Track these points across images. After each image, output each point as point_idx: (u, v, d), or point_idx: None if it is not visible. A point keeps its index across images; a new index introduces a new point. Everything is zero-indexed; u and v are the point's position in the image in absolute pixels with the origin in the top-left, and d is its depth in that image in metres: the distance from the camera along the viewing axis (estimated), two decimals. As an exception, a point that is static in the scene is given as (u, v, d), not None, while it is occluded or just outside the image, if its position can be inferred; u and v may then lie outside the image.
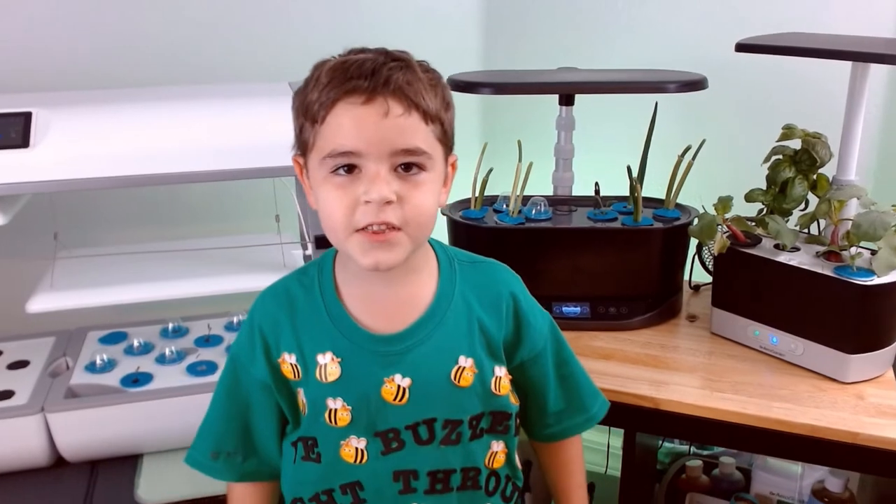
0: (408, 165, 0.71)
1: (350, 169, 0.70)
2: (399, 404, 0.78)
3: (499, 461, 0.84)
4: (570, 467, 0.94)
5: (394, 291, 0.79)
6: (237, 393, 0.82)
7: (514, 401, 0.85)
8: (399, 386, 0.77)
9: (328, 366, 0.78)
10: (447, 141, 0.75)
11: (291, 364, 0.79)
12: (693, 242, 1.25)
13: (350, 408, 0.78)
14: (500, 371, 0.82)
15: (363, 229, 0.70)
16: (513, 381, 0.85)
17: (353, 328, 0.78)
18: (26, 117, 0.97)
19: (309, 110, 0.71)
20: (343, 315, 0.79)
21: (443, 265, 0.82)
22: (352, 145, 0.69)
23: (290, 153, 0.78)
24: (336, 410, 0.77)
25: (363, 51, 0.73)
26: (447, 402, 0.79)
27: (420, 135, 0.70)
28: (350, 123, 0.69)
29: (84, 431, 1.05)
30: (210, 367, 1.13)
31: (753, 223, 1.14)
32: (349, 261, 0.77)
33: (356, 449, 0.79)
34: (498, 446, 0.84)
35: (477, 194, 1.28)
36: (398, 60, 0.71)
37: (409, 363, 0.78)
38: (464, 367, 0.79)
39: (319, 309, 0.79)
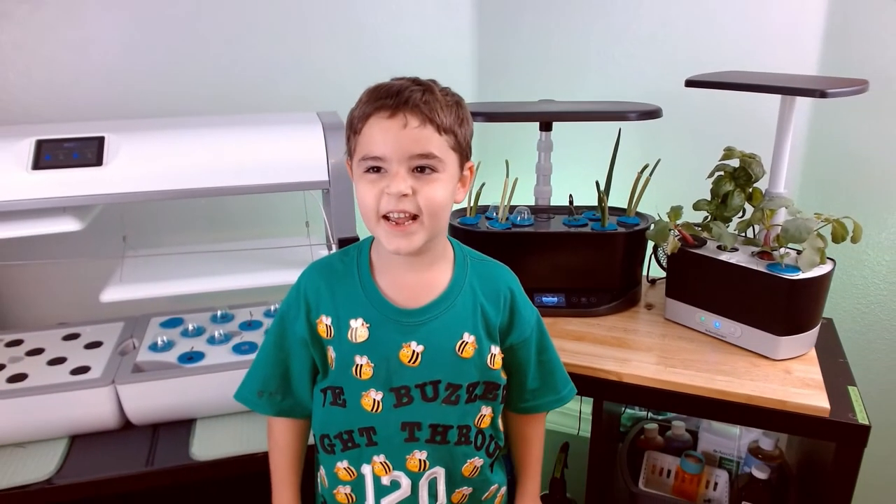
0: (422, 167, 0.73)
1: (378, 169, 0.73)
2: (412, 366, 0.79)
3: (485, 422, 0.85)
4: (532, 441, 0.95)
5: (418, 275, 0.81)
6: (282, 344, 0.84)
7: (504, 375, 0.86)
8: (414, 351, 0.79)
9: (358, 329, 0.79)
10: (462, 149, 0.77)
11: (327, 325, 0.81)
12: (650, 244, 1.25)
13: (373, 365, 0.79)
14: (495, 350, 0.83)
15: (387, 218, 0.73)
16: (503, 360, 0.85)
17: (382, 301, 0.80)
18: (100, 141, 0.98)
19: (352, 124, 0.75)
20: (374, 290, 0.80)
21: (458, 259, 0.84)
22: (379, 151, 0.72)
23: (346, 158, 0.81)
24: (361, 366, 0.79)
25: (400, 78, 0.75)
26: (451, 368, 0.80)
27: (433, 143, 0.72)
28: (377, 133, 0.72)
29: (148, 400, 1.06)
30: (252, 347, 1.13)
31: (700, 228, 1.15)
32: (381, 247, 0.79)
33: (374, 400, 0.80)
34: (487, 410, 0.85)
35: (472, 204, 1.28)
36: (420, 85, 0.74)
37: (423, 333, 0.79)
38: (467, 342, 0.81)
39: (355, 283, 0.81)
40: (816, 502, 1.04)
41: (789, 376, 1.01)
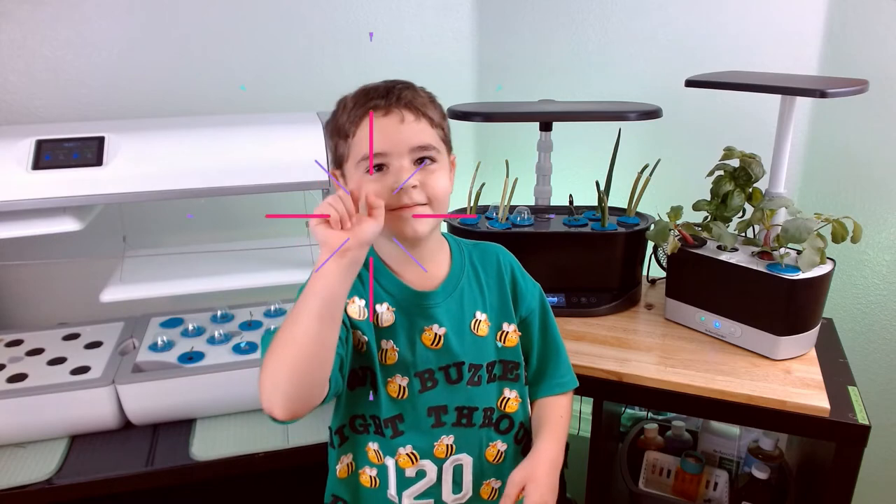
0: (422, 159, 0.75)
1: (379, 168, 0.74)
2: (435, 349, 0.81)
3: (511, 407, 0.86)
4: (547, 406, 0.90)
5: (420, 270, 0.82)
6: None
7: (521, 353, 0.88)
8: (436, 333, 0.81)
9: (384, 314, 0.80)
10: (448, 142, 0.81)
11: (359, 307, 0.81)
12: (650, 244, 1.25)
13: (398, 349, 0.80)
14: (509, 327, 0.85)
15: (398, 208, 0.74)
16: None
17: (402, 286, 0.81)
18: (100, 141, 0.97)
19: (341, 130, 0.77)
20: (392, 277, 0.82)
21: (453, 248, 0.86)
22: (381, 147, 0.73)
23: (330, 168, 0.83)
24: (387, 350, 0.80)
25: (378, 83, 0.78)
26: (471, 348, 0.82)
27: (429, 135, 0.76)
28: (375, 131, 0.73)
29: (148, 400, 1.05)
30: (252, 347, 1.13)
31: (700, 228, 1.15)
32: (384, 248, 0.81)
33: (399, 386, 0.81)
34: (511, 394, 0.86)
35: (472, 204, 1.28)
36: (403, 83, 0.77)
37: (442, 314, 0.81)
38: (480, 321, 0.83)
39: (376, 270, 0.82)
40: (816, 502, 1.04)
41: (789, 376, 1.01)
